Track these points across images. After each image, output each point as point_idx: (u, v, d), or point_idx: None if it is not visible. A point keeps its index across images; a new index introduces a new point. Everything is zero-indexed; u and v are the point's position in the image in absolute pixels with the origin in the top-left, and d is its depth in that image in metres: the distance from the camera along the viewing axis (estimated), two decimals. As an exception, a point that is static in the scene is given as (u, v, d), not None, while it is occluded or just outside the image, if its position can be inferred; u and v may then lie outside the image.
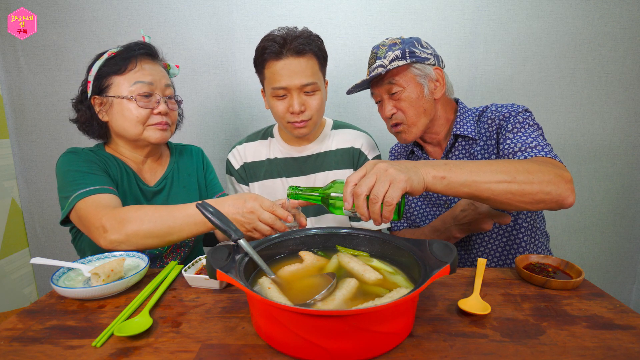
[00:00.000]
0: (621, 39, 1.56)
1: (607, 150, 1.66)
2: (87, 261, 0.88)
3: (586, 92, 1.62)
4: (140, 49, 1.04)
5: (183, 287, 0.81)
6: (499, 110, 1.05)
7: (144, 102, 1.02)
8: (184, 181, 1.19)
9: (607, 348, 0.59)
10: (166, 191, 1.15)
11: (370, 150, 1.27)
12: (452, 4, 1.57)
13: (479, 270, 0.81)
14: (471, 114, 1.11)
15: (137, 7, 1.61)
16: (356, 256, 0.78)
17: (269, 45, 1.10)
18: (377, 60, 1.07)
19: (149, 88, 1.02)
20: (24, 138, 1.72)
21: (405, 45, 1.05)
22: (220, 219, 0.71)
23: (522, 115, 1.00)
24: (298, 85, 1.10)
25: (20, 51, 1.64)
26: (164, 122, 1.05)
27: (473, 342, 0.60)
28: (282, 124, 1.18)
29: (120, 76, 1.02)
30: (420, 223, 1.20)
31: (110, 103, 1.03)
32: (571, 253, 1.76)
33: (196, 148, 1.29)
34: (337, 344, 0.54)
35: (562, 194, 0.77)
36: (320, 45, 1.15)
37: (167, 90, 1.08)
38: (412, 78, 1.06)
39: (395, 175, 0.68)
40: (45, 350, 0.61)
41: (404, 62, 1.03)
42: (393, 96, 1.07)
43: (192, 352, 0.59)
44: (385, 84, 1.07)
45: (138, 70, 1.02)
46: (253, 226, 0.84)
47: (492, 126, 1.05)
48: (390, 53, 1.05)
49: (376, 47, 1.09)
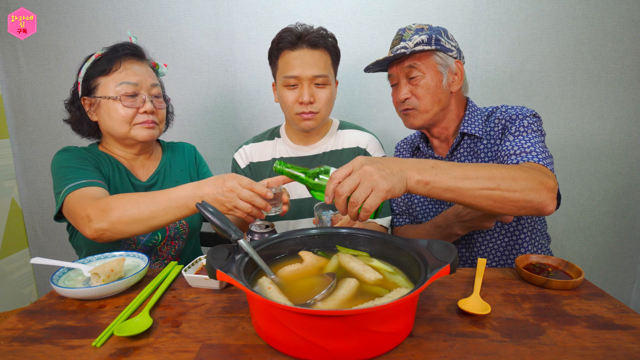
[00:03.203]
0: (621, 39, 1.56)
1: (607, 150, 1.66)
2: (87, 261, 0.88)
3: (586, 92, 1.62)
4: (124, 50, 1.06)
5: (183, 287, 0.81)
6: (508, 112, 1.05)
7: (129, 102, 1.04)
8: (176, 176, 1.20)
9: (607, 348, 0.59)
10: (158, 186, 1.16)
11: (375, 150, 1.27)
12: (452, 4, 1.57)
13: (479, 270, 0.81)
14: (480, 113, 1.11)
15: (137, 7, 1.61)
16: (356, 256, 0.78)
17: (285, 35, 1.12)
18: (401, 42, 1.05)
19: (134, 88, 1.04)
20: (24, 138, 1.72)
21: (432, 32, 1.05)
22: (220, 219, 0.71)
23: (529, 120, 1.00)
24: (310, 76, 1.12)
25: (20, 51, 1.64)
26: (150, 121, 1.07)
27: (473, 342, 0.60)
28: (290, 116, 1.19)
29: (106, 77, 1.04)
30: (422, 219, 1.20)
31: (98, 103, 1.05)
32: (571, 253, 1.76)
33: (188, 145, 1.30)
34: (337, 344, 0.54)
35: (542, 202, 0.79)
36: (335, 43, 1.18)
37: (153, 89, 1.09)
38: (434, 65, 1.05)
39: (379, 183, 0.69)
40: (45, 350, 0.61)
41: (428, 48, 1.03)
42: (411, 80, 1.07)
43: (192, 352, 0.59)
44: (406, 66, 1.06)
45: (122, 71, 1.04)
46: (234, 204, 0.84)
47: (498, 126, 1.05)
48: (417, 37, 1.04)
49: (402, 29, 1.08)
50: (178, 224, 1.14)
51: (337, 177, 0.72)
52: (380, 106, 1.68)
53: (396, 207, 1.27)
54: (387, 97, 1.66)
